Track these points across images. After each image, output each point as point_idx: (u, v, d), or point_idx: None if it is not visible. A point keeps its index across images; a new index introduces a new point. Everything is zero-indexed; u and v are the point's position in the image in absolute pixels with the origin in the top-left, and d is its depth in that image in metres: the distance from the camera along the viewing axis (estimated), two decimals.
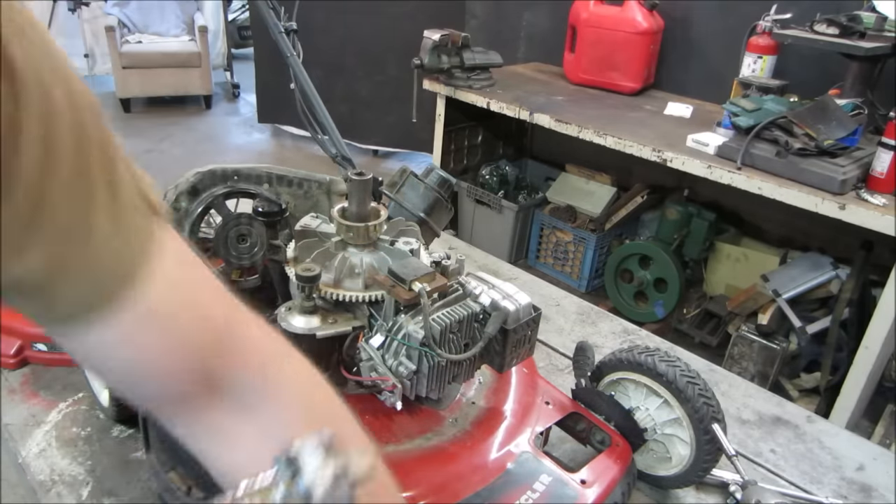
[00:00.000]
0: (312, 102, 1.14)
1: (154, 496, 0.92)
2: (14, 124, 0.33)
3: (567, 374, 1.24)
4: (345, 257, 0.88)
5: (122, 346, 0.42)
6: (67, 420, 1.06)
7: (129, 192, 0.40)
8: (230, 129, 5.64)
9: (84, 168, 0.37)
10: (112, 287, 0.39)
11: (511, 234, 3.13)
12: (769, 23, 2.34)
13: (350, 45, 4.44)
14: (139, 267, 0.40)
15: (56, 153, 0.35)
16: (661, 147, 2.21)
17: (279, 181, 1.09)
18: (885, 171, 1.85)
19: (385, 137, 4.72)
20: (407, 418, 0.87)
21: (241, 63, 6.60)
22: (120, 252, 0.39)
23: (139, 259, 0.40)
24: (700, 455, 0.90)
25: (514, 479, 0.81)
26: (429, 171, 1.10)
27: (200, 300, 0.46)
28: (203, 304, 0.46)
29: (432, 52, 2.65)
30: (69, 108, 0.35)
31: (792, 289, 2.32)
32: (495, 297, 0.84)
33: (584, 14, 2.81)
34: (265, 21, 1.19)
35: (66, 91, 0.36)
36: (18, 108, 0.33)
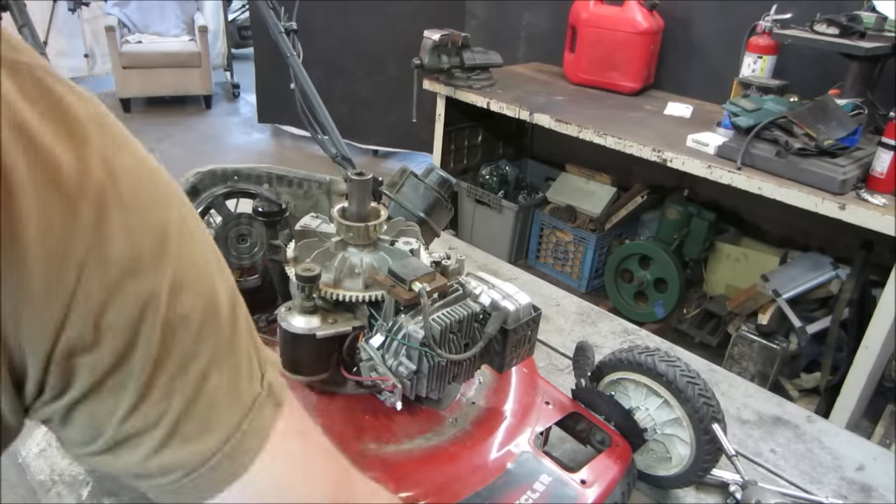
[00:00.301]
0: (312, 102, 1.14)
1: None
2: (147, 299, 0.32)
3: (567, 374, 1.24)
4: (345, 257, 0.88)
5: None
6: None
7: (253, 376, 0.39)
8: (230, 129, 5.64)
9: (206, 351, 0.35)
10: (226, 470, 0.38)
11: (511, 234, 3.13)
12: (769, 23, 2.34)
13: (350, 45, 4.43)
14: (254, 453, 0.38)
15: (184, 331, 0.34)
16: (661, 147, 2.21)
17: (279, 181, 1.09)
18: (885, 171, 1.85)
19: (385, 137, 4.72)
20: (407, 418, 0.87)
21: (241, 63, 6.60)
22: (236, 440, 0.37)
23: (255, 446, 0.39)
24: (700, 455, 0.90)
25: (514, 479, 0.81)
26: (429, 171, 1.10)
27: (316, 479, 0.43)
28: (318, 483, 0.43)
29: (432, 52, 2.65)
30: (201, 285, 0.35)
31: (792, 289, 2.32)
32: (495, 297, 0.84)
33: (584, 14, 2.81)
34: (265, 21, 1.19)
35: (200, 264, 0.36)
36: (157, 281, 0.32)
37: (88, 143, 0.30)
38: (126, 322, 0.31)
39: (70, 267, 0.29)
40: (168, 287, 0.33)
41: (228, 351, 0.37)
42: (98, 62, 6.07)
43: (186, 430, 0.35)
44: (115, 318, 0.31)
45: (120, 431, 0.34)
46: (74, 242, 0.29)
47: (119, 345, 0.31)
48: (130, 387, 0.33)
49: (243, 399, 0.38)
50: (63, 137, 0.29)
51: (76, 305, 0.30)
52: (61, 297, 0.29)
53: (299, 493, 0.41)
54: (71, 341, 0.30)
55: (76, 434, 0.34)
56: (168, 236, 0.33)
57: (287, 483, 0.41)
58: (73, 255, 0.29)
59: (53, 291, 0.29)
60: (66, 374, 0.31)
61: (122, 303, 0.31)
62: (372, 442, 0.83)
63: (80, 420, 0.33)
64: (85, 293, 0.30)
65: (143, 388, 0.33)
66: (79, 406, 0.33)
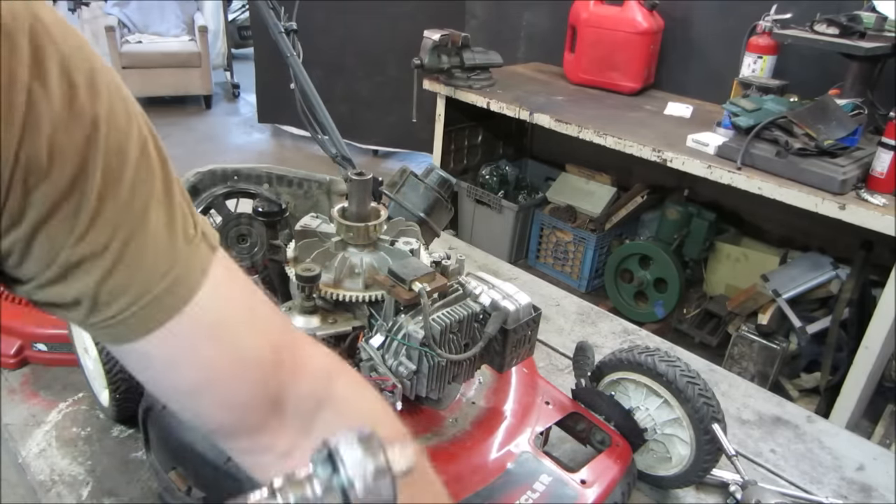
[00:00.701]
0: (312, 102, 1.14)
1: (154, 496, 0.92)
2: (91, 127, 0.36)
3: (567, 374, 1.24)
4: (345, 257, 0.88)
5: (187, 358, 0.43)
6: (67, 420, 1.06)
7: (188, 222, 0.42)
8: (230, 129, 5.64)
9: (145, 188, 0.39)
10: (171, 300, 0.41)
11: (511, 234, 3.13)
12: (769, 23, 2.34)
13: (350, 45, 4.43)
14: (199, 283, 0.42)
15: (124, 170, 0.38)
16: (661, 147, 2.21)
17: (279, 181, 1.09)
18: (885, 171, 1.85)
19: (385, 137, 4.72)
20: (407, 418, 0.87)
21: (241, 63, 6.60)
22: (176, 272, 0.41)
23: (196, 280, 0.42)
24: (700, 455, 0.90)
25: (514, 479, 0.81)
26: (429, 171, 1.10)
27: (258, 318, 0.47)
28: (261, 322, 0.47)
29: (432, 52, 2.65)
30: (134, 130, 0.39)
31: (792, 289, 2.32)
32: (495, 297, 0.84)
33: (584, 14, 2.81)
34: (265, 21, 1.19)
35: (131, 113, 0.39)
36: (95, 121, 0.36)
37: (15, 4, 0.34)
38: (74, 148, 0.35)
39: (18, 92, 0.33)
40: (105, 119, 0.37)
41: (165, 193, 0.41)
42: None
43: (131, 258, 0.39)
44: (64, 142, 0.35)
45: (73, 254, 0.37)
46: (19, 70, 0.33)
47: (70, 169, 0.35)
48: (82, 213, 0.36)
49: (180, 237, 0.41)
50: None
51: (29, 129, 0.34)
52: (15, 121, 0.33)
53: (238, 329, 0.45)
54: (28, 164, 0.34)
55: (33, 265, 0.37)
56: (96, 76, 0.37)
57: (226, 318, 0.44)
58: (20, 81, 0.33)
59: (7, 116, 0.33)
60: (24, 197, 0.35)
61: (69, 127, 0.35)
62: None
63: (37, 248, 0.37)
64: (34, 117, 0.34)
65: (93, 214, 0.37)
66: (37, 234, 0.36)
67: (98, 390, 1.05)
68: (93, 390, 1.07)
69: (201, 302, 0.42)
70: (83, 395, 1.10)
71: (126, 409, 1.00)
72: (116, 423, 1.05)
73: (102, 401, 1.05)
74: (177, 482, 0.83)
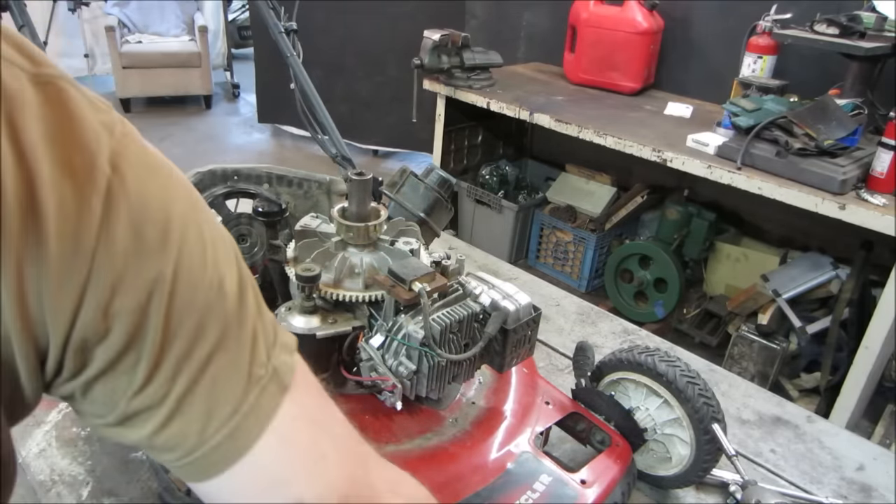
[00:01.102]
0: (312, 102, 1.14)
1: (154, 496, 0.92)
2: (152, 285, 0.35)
3: (567, 374, 1.24)
4: (345, 257, 0.88)
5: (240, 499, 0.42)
6: (67, 420, 1.06)
7: (258, 358, 0.40)
8: (230, 129, 5.64)
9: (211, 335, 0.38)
10: (228, 450, 0.39)
11: (511, 234, 3.13)
12: (769, 23, 2.34)
13: (350, 46, 4.43)
14: (261, 431, 0.40)
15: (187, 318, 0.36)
16: (661, 147, 2.21)
17: (279, 181, 1.09)
18: (885, 171, 1.85)
19: (385, 137, 4.71)
20: (407, 418, 0.87)
21: (241, 63, 6.59)
22: (238, 420, 0.39)
23: (261, 426, 0.40)
24: (700, 455, 0.90)
25: (514, 479, 0.81)
26: (429, 171, 1.10)
27: (327, 463, 0.44)
28: (328, 469, 0.44)
29: (432, 52, 2.65)
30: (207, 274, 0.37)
31: (792, 289, 2.32)
32: (495, 297, 0.84)
33: (584, 14, 2.80)
34: (265, 21, 1.19)
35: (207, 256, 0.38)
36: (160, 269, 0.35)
37: (99, 145, 0.33)
38: (134, 307, 0.34)
39: (83, 256, 0.32)
40: (172, 273, 0.35)
41: (234, 336, 0.39)
42: (98, 62, 6.07)
43: (189, 409, 0.37)
44: (123, 303, 0.34)
45: (130, 407, 0.36)
46: (86, 233, 0.32)
47: (128, 329, 0.34)
48: (140, 368, 0.35)
49: (246, 382, 0.39)
50: (77, 144, 0.32)
51: (88, 293, 0.33)
52: (76, 285, 0.32)
53: (302, 480, 0.42)
54: (85, 326, 0.33)
55: (93, 408, 0.37)
56: (171, 225, 0.36)
57: (290, 469, 0.42)
58: (86, 245, 0.32)
59: (69, 278, 0.32)
60: (81, 355, 0.34)
61: (129, 289, 0.34)
62: (372, 442, 0.82)
63: (97, 396, 0.36)
64: (96, 280, 0.33)
65: (151, 369, 0.36)
66: (94, 384, 0.36)
67: None
68: None
69: (261, 451, 0.40)
70: None
71: None
72: None
73: None
74: (177, 482, 0.83)
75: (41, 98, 0.32)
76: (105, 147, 0.34)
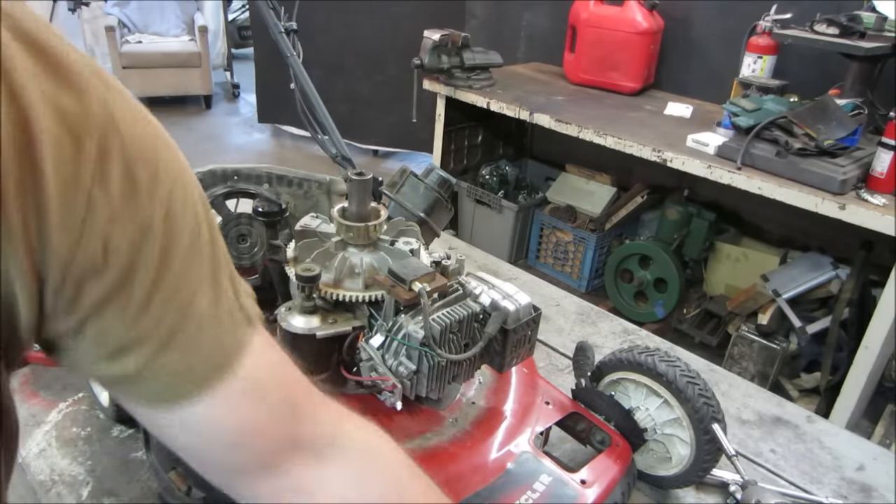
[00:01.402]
0: (312, 102, 1.14)
1: (154, 496, 0.92)
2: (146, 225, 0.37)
3: (567, 374, 1.24)
4: (345, 257, 0.88)
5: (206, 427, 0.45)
6: (67, 420, 1.06)
7: (229, 296, 0.44)
8: (230, 129, 5.64)
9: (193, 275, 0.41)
10: (203, 379, 0.42)
11: (511, 234, 3.13)
12: (769, 23, 2.34)
13: (350, 45, 4.43)
14: (230, 364, 0.43)
15: (174, 257, 0.39)
16: (661, 147, 2.21)
17: (279, 181, 1.09)
18: (885, 171, 1.85)
19: (385, 137, 4.71)
20: (407, 418, 0.87)
21: (241, 63, 6.59)
22: (217, 350, 0.43)
23: (232, 358, 0.44)
24: (700, 455, 0.90)
25: (514, 479, 0.81)
26: (429, 171, 1.10)
27: (284, 383, 0.49)
28: (288, 389, 0.49)
29: (432, 52, 2.65)
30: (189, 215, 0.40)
31: (792, 289, 2.32)
32: (495, 297, 0.84)
33: (584, 14, 2.80)
34: (265, 21, 1.19)
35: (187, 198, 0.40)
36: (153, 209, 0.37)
37: (88, 90, 0.35)
38: (129, 245, 0.36)
39: (81, 195, 0.34)
40: (163, 214, 0.38)
41: (212, 277, 0.42)
42: (98, 62, 6.06)
43: (176, 344, 0.40)
44: (119, 241, 0.36)
45: (121, 340, 0.38)
46: (82, 173, 0.34)
47: (123, 265, 0.36)
48: (133, 303, 0.37)
49: (223, 317, 0.43)
50: (66, 87, 0.34)
51: (86, 232, 0.35)
52: (75, 221, 0.34)
53: (268, 394, 0.47)
54: (83, 261, 0.35)
55: (83, 346, 0.39)
56: (160, 168, 0.38)
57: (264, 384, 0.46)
58: (83, 185, 0.34)
59: (68, 216, 0.34)
60: (78, 290, 0.36)
61: (125, 228, 0.36)
62: None
63: (90, 331, 0.38)
64: (92, 221, 0.35)
65: (142, 304, 0.38)
66: (87, 321, 0.37)
67: (98, 390, 1.05)
68: (93, 390, 1.07)
69: (238, 377, 0.44)
70: (83, 395, 1.10)
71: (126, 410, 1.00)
72: (116, 423, 1.05)
73: (102, 401, 1.05)
74: (177, 482, 0.83)
75: (31, 51, 0.33)
76: (96, 92, 0.35)
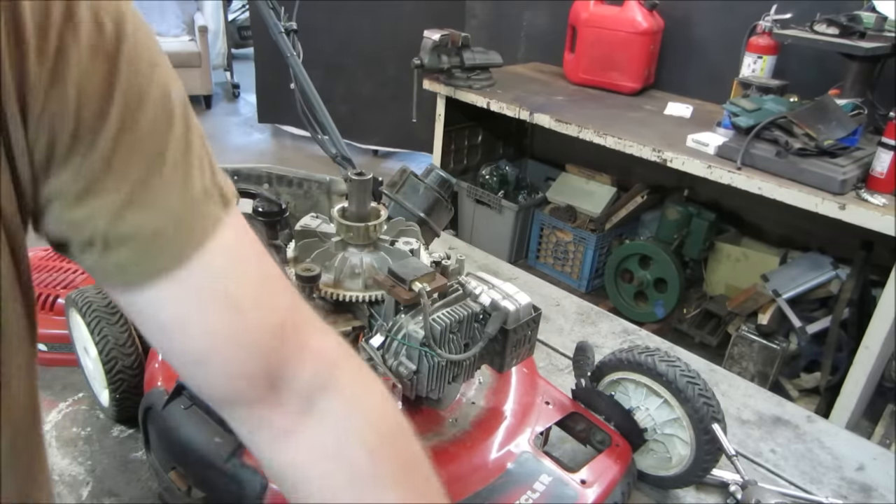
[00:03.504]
0: (312, 102, 1.14)
1: (154, 496, 0.92)
2: (110, 75, 0.37)
3: (567, 374, 1.24)
4: (345, 257, 0.88)
5: (193, 320, 0.43)
6: (67, 420, 1.06)
7: (205, 175, 0.43)
8: (230, 129, 5.64)
9: (161, 135, 0.40)
10: (176, 250, 0.41)
11: (511, 234, 3.13)
12: (769, 23, 2.34)
13: (350, 46, 4.43)
14: (206, 239, 0.42)
15: (141, 112, 0.39)
16: (661, 147, 2.21)
17: (279, 181, 1.09)
18: (885, 171, 1.85)
19: (385, 137, 4.72)
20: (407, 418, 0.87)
21: (241, 63, 6.59)
22: (187, 220, 0.42)
23: (206, 232, 0.42)
24: (700, 455, 0.90)
25: (514, 479, 0.81)
26: (429, 171, 1.10)
27: (268, 289, 0.47)
28: (270, 294, 0.47)
29: (432, 52, 2.65)
30: (157, 79, 0.40)
31: (792, 289, 2.32)
32: (495, 297, 0.84)
33: (584, 14, 2.81)
34: (265, 21, 1.19)
35: (156, 64, 0.41)
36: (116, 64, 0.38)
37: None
38: (96, 89, 0.37)
39: (51, 34, 0.35)
40: (127, 60, 0.38)
41: (183, 142, 0.42)
42: None
43: (143, 200, 0.40)
44: (88, 84, 0.37)
45: (91, 180, 0.39)
46: (53, 11, 0.35)
47: (92, 109, 0.37)
48: (98, 149, 0.38)
49: (194, 186, 0.42)
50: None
51: (58, 71, 0.36)
52: (48, 62, 0.35)
53: (249, 298, 0.45)
54: (57, 103, 0.36)
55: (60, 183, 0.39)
56: (125, 23, 0.39)
57: (238, 285, 0.44)
58: (53, 24, 0.35)
59: (40, 56, 0.35)
60: (51, 133, 0.37)
61: (94, 70, 0.37)
62: None
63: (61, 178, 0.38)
64: (65, 60, 0.36)
65: (108, 152, 0.38)
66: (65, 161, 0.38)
67: (98, 390, 1.05)
68: (93, 390, 1.07)
69: (210, 257, 0.42)
70: (83, 395, 1.10)
71: (126, 409, 1.00)
72: (116, 423, 1.05)
73: (102, 401, 1.05)
74: (177, 482, 0.83)
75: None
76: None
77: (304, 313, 0.49)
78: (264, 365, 0.46)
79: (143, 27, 0.41)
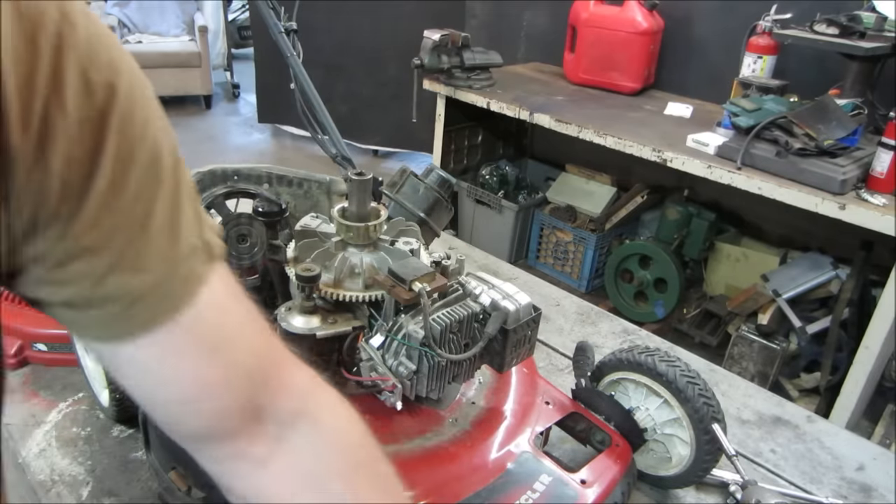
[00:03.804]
0: (312, 102, 1.14)
1: (154, 496, 0.92)
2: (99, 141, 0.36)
3: (567, 374, 1.24)
4: (345, 257, 0.88)
5: (167, 365, 0.43)
6: (67, 420, 1.06)
7: (192, 231, 0.43)
8: (230, 129, 5.64)
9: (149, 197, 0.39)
10: (159, 309, 0.41)
11: (511, 234, 3.13)
12: (769, 23, 2.34)
13: (350, 45, 4.43)
14: (190, 296, 0.42)
15: (130, 174, 0.38)
16: (661, 147, 2.21)
17: (279, 181, 1.09)
18: (885, 171, 1.85)
19: (385, 137, 4.72)
20: (407, 418, 0.87)
21: (241, 63, 6.59)
22: (172, 280, 0.41)
23: (191, 290, 0.42)
24: (700, 455, 0.90)
25: (514, 479, 0.81)
26: (429, 171, 1.10)
27: (250, 334, 0.47)
28: (252, 339, 0.47)
29: (432, 52, 2.65)
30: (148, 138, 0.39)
31: (792, 289, 2.32)
32: (495, 297, 0.84)
33: (584, 14, 2.81)
34: (265, 21, 1.19)
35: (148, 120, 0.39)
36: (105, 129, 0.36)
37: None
38: (84, 155, 0.36)
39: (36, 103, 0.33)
40: (118, 126, 0.37)
41: (171, 200, 0.41)
42: None
43: (129, 262, 0.39)
44: (75, 151, 0.35)
45: (75, 245, 0.37)
46: (38, 80, 0.33)
47: (78, 174, 0.36)
48: (85, 214, 0.37)
49: (181, 246, 0.41)
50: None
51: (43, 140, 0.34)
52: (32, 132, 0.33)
53: (233, 345, 0.45)
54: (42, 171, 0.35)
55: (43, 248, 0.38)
56: (118, 78, 0.37)
57: (223, 334, 0.45)
58: (39, 93, 0.33)
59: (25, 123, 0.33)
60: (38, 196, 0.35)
61: (81, 136, 0.35)
62: None
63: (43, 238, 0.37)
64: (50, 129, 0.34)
65: (94, 217, 0.37)
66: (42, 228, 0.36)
67: (98, 390, 1.05)
68: (93, 390, 1.07)
69: (195, 312, 0.42)
70: (83, 395, 1.10)
71: (126, 409, 1.00)
72: (116, 423, 1.05)
73: (102, 401, 1.05)
74: (177, 482, 0.82)
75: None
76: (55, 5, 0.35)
77: (280, 349, 0.50)
78: (248, 401, 0.46)
79: (138, 79, 0.39)
